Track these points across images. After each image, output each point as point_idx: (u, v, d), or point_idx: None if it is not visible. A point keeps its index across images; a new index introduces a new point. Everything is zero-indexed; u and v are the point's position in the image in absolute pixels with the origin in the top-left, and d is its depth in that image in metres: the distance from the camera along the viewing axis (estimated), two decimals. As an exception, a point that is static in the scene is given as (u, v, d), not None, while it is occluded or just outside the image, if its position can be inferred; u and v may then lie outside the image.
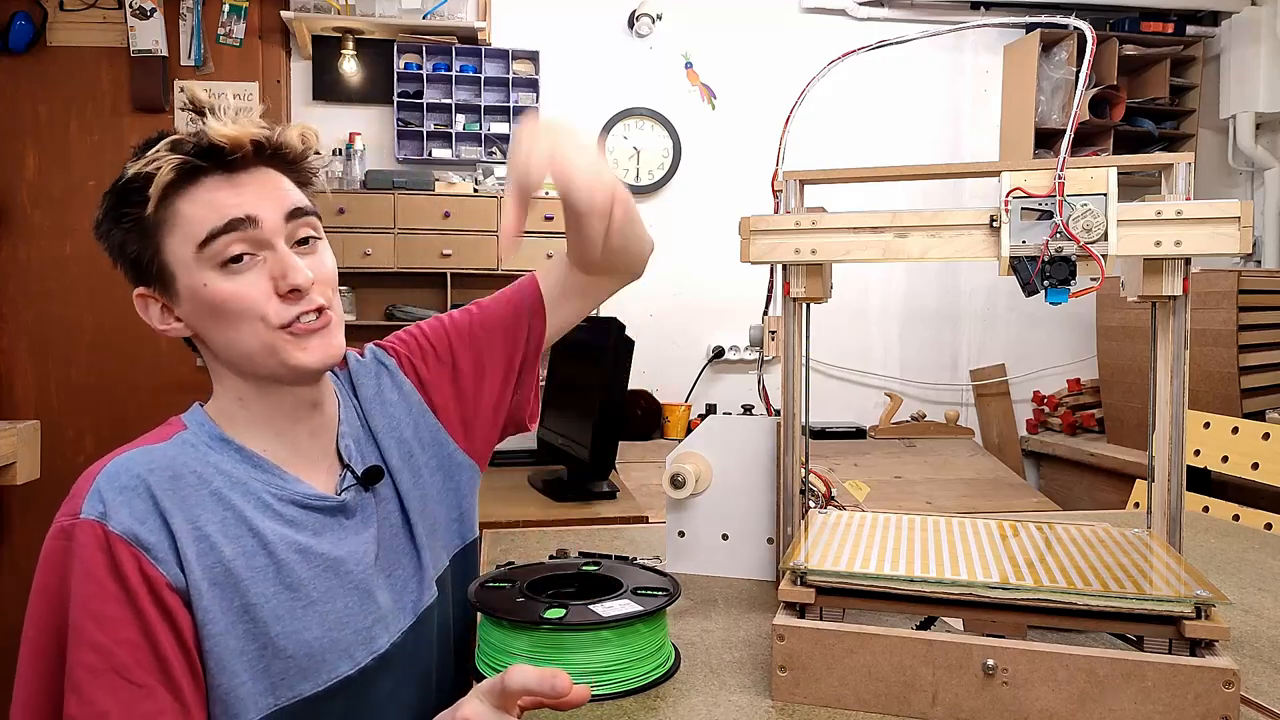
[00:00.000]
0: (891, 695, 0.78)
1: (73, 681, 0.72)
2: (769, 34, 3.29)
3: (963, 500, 2.76)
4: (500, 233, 1.11)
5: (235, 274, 0.81)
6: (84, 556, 0.74)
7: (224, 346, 0.84)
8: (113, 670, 0.72)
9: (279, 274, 0.81)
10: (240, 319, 0.81)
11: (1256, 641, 0.96)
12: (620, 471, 2.70)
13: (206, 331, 0.84)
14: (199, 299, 0.81)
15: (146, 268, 0.84)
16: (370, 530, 0.91)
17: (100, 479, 0.77)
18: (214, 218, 0.80)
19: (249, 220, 0.81)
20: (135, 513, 0.76)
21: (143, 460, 0.79)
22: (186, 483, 0.80)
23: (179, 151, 0.80)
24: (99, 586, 0.73)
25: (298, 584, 0.82)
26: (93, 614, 0.73)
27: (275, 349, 0.82)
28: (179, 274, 0.82)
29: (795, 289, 1.03)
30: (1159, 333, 0.96)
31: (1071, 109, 0.95)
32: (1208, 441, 2.32)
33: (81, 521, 0.75)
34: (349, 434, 0.95)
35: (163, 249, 0.82)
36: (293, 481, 0.86)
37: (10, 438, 2.04)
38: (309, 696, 0.82)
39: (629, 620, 0.83)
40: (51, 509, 0.79)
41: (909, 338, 3.44)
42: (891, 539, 0.95)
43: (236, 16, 2.92)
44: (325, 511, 0.88)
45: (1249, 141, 3.29)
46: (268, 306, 0.81)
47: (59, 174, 2.86)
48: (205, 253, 0.80)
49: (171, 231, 0.81)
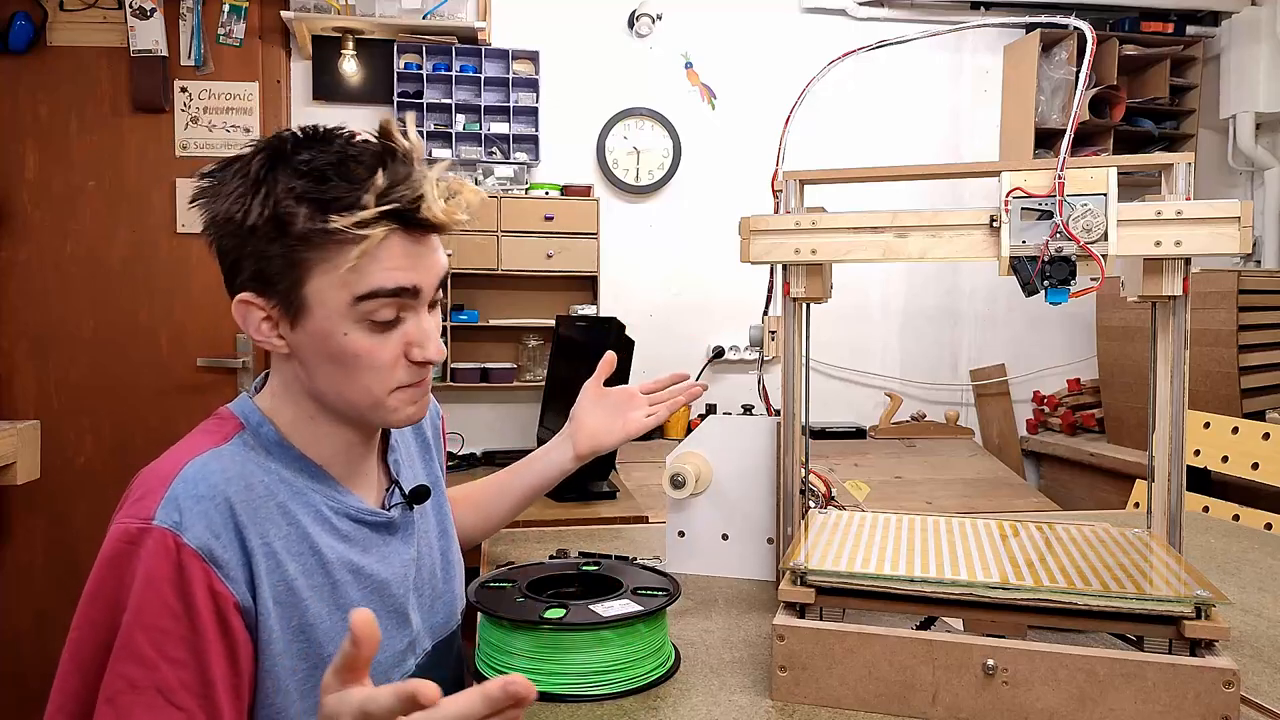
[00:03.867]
0: (891, 695, 0.78)
1: (110, 693, 0.69)
2: (769, 34, 3.29)
3: (963, 500, 2.76)
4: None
5: (379, 332, 0.79)
6: (151, 565, 0.71)
7: (326, 385, 0.81)
8: (155, 689, 0.69)
9: (416, 341, 0.81)
10: (363, 374, 0.80)
11: (1256, 641, 0.96)
12: (620, 471, 2.70)
13: (315, 366, 0.81)
14: (330, 343, 0.78)
15: (275, 285, 0.78)
16: (411, 550, 0.92)
17: (177, 485, 0.74)
18: (383, 279, 0.76)
19: (413, 290, 0.79)
20: (212, 526, 0.73)
21: (218, 468, 0.77)
22: (257, 494, 0.78)
23: (389, 218, 0.75)
24: (159, 599, 0.70)
25: (349, 605, 0.81)
26: (146, 626, 0.70)
27: (380, 405, 0.82)
28: (317, 311, 0.77)
29: (795, 289, 1.03)
30: (1159, 333, 0.96)
31: (1071, 109, 0.95)
32: (1208, 441, 2.32)
33: (154, 528, 0.72)
34: (398, 449, 0.96)
35: (308, 281, 0.76)
36: (346, 494, 0.86)
37: (10, 438, 2.04)
38: None
39: (629, 620, 0.83)
40: (52, 509, 0.78)
41: (909, 338, 3.44)
42: (891, 539, 0.95)
43: (236, 16, 2.92)
44: (374, 527, 0.87)
45: (1249, 141, 3.29)
46: (394, 371, 0.81)
47: (59, 174, 2.86)
48: (359, 307, 0.77)
49: (326, 271, 0.76)
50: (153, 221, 2.90)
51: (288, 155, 0.77)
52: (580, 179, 3.16)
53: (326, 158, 0.76)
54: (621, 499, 2.36)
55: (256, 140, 0.81)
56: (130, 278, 2.89)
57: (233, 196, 0.77)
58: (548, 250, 2.95)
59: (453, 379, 2.95)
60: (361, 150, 0.77)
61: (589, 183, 3.12)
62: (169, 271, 2.90)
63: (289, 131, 0.80)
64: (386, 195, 0.75)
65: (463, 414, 3.10)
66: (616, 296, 3.18)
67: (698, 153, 3.26)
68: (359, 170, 0.75)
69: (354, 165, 0.76)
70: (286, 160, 0.76)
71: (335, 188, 0.74)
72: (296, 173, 0.75)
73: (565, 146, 3.18)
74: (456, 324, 2.97)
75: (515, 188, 3.02)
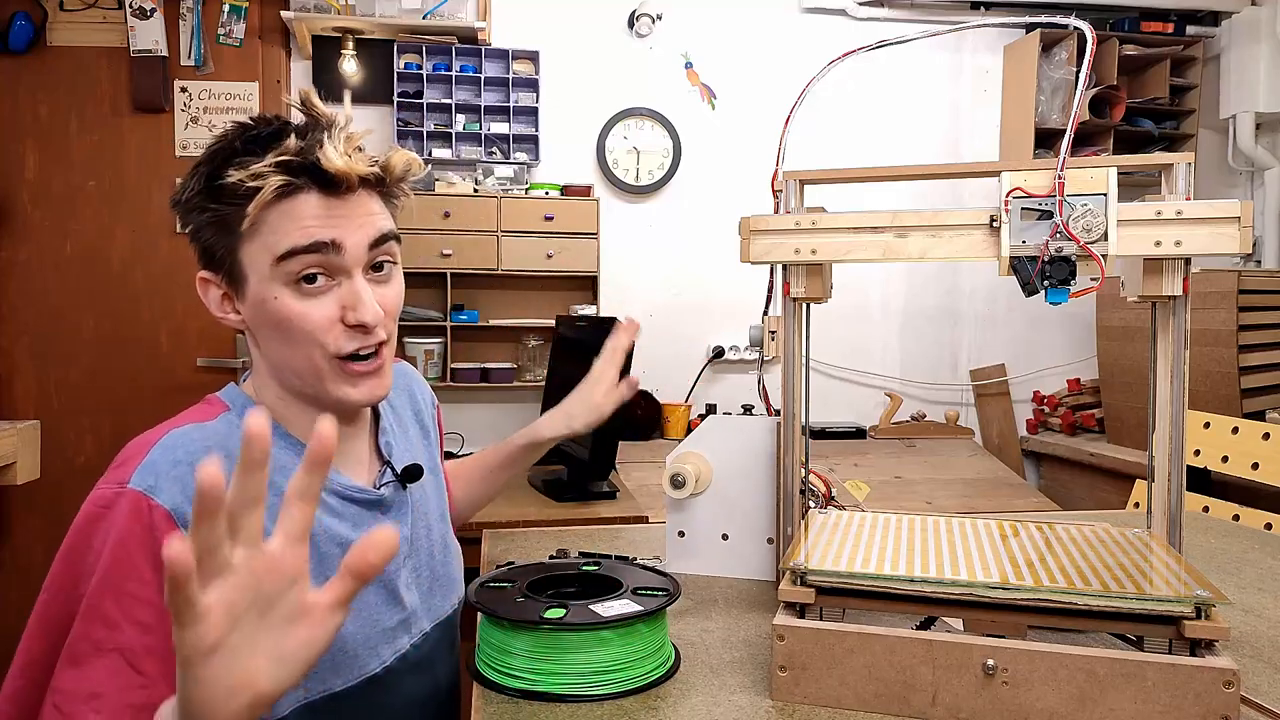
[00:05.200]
0: (891, 695, 0.78)
1: (74, 653, 0.69)
2: (769, 34, 3.29)
3: (963, 500, 2.76)
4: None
5: (306, 294, 0.80)
6: (121, 526, 0.71)
7: (275, 357, 0.83)
8: (118, 651, 0.69)
9: (350, 304, 0.81)
10: (299, 339, 0.80)
11: (1256, 641, 0.96)
12: (620, 471, 2.70)
13: (262, 337, 0.83)
14: (264, 309, 0.80)
15: (219, 259, 0.82)
16: (404, 529, 0.92)
17: (155, 451, 0.75)
18: (298, 236, 0.78)
19: (333, 245, 0.79)
20: (186, 490, 0.74)
21: (199, 437, 0.78)
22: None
23: (285, 170, 0.78)
24: (129, 560, 0.70)
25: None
26: (114, 587, 0.70)
27: (323, 376, 0.82)
28: (250, 277, 0.81)
29: (795, 289, 1.03)
30: (1159, 333, 0.96)
31: (1071, 109, 0.95)
32: (1208, 441, 2.32)
33: (127, 491, 0.72)
34: (390, 431, 0.97)
35: (239, 249, 0.80)
36: (334, 473, 0.86)
37: (10, 438, 2.04)
38: (337, 692, 0.82)
39: (629, 620, 0.83)
40: (52, 509, 0.78)
41: (909, 338, 3.44)
42: (891, 539, 0.95)
43: (236, 16, 2.92)
44: (364, 504, 0.88)
45: (1249, 141, 3.29)
46: (329, 334, 0.81)
47: (59, 174, 2.86)
48: (281, 267, 0.79)
49: (253, 236, 0.79)
50: (153, 221, 2.90)
51: (227, 137, 0.81)
52: (580, 179, 3.16)
53: (250, 132, 0.81)
54: (621, 499, 2.36)
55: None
56: (130, 278, 2.89)
57: (186, 185, 0.82)
58: (548, 250, 2.95)
59: (453, 379, 2.95)
60: (275, 121, 0.82)
61: (589, 183, 3.12)
62: (169, 271, 2.91)
63: (229, 125, 0.84)
64: (286, 163, 0.78)
65: (463, 414, 3.10)
66: (616, 296, 3.18)
67: (698, 153, 3.26)
68: (269, 137, 0.79)
69: (264, 133, 0.80)
70: (224, 145, 0.81)
71: (245, 152, 0.79)
72: (221, 149, 0.80)
73: (565, 146, 3.18)
74: (456, 324, 2.97)
75: (515, 188, 3.02)
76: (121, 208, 2.88)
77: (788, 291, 1.04)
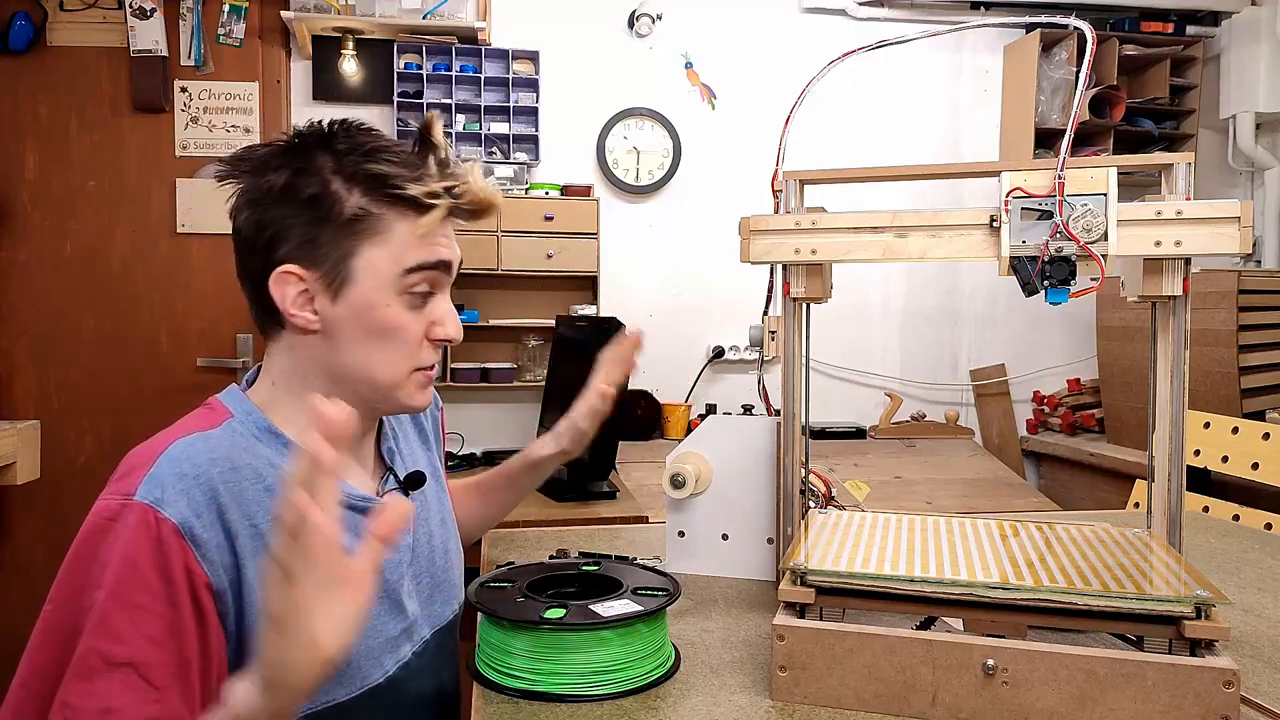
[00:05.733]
0: (891, 695, 0.78)
1: (83, 668, 0.68)
2: (769, 34, 3.29)
3: (963, 500, 2.76)
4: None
5: (414, 308, 0.84)
6: (129, 539, 0.70)
7: (354, 360, 0.83)
8: (131, 665, 0.68)
9: (438, 320, 0.86)
10: (396, 348, 0.83)
11: (1256, 641, 0.96)
12: (620, 471, 2.70)
13: (347, 340, 0.82)
14: (371, 314, 0.82)
15: (323, 256, 0.80)
16: (407, 537, 0.92)
17: (162, 463, 0.74)
18: (427, 253, 0.82)
19: (448, 266, 0.85)
20: (193, 504, 0.73)
21: (204, 449, 0.77)
22: (244, 476, 0.78)
23: (450, 194, 0.83)
24: (137, 574, 0.69)
25: None
26: (124, 602, 0.69)
27: (400, 385, 0.85)
28: (362, 282, 0.81)
29: (795, 289, 1.03)
30: (1159, 333, 0.96)
31: (1071, 109, 0.95)
32: (1208, 441, 2.32)
33: (134, 503, 0.71)
34: (393, 438, 0.97)
35: (358, 253, 0.80)
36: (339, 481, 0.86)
37: (10, 438, 2.04)
38: (341, 703, 0.81)
39: (629, 620, 0.83)
40: (52, 509, 0.78)
41: (909, 338, 3.44)
42: (891, 539, 0.95)
43: (236, 16, 2.92)
44: (367, 513, 0.87)
45: (1249, 141, 3.29)
46: (421, 348, 0.85)
47: (59, 174, 2.86)
48: (407, 279, 0.82)
49: (380, 244, 0.81)
50: (152, 221, 2.90)
51: (334, 137, 0.83)
52: (580, 179, 3.16)
53: (379, 141, 0.83)
54: (621, 499, 2.36)
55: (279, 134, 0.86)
56: (130, 278, 2.89)
57: (281, 171, 0.81)
58: (548, 250, 2.95)
59: (453, 379, 2.95)
60: (406, 140, 0.87)
61: (589, 183, 3.12)
62: (169, 271, 2.91)
63: (320, 121, 0.85)
64: (443, 177, 0.83)
65: (463, 414, 3.10)
66: (616, 296, 3.18)
67: (698, 153, 3.25)
68: (412, 154, 0.84)
69: (408, 150, 0.85)
70: (333, 142, 0.82)
71: (401, 166, 0.81)
72: (352, 151, 0.81)
73: (565, 146, 3.18)
74: (456, 324, 2.97)
75: (515, 188, 3.02)
76: (121, 208, 2.88)
77: (788, 291, 1.04)
